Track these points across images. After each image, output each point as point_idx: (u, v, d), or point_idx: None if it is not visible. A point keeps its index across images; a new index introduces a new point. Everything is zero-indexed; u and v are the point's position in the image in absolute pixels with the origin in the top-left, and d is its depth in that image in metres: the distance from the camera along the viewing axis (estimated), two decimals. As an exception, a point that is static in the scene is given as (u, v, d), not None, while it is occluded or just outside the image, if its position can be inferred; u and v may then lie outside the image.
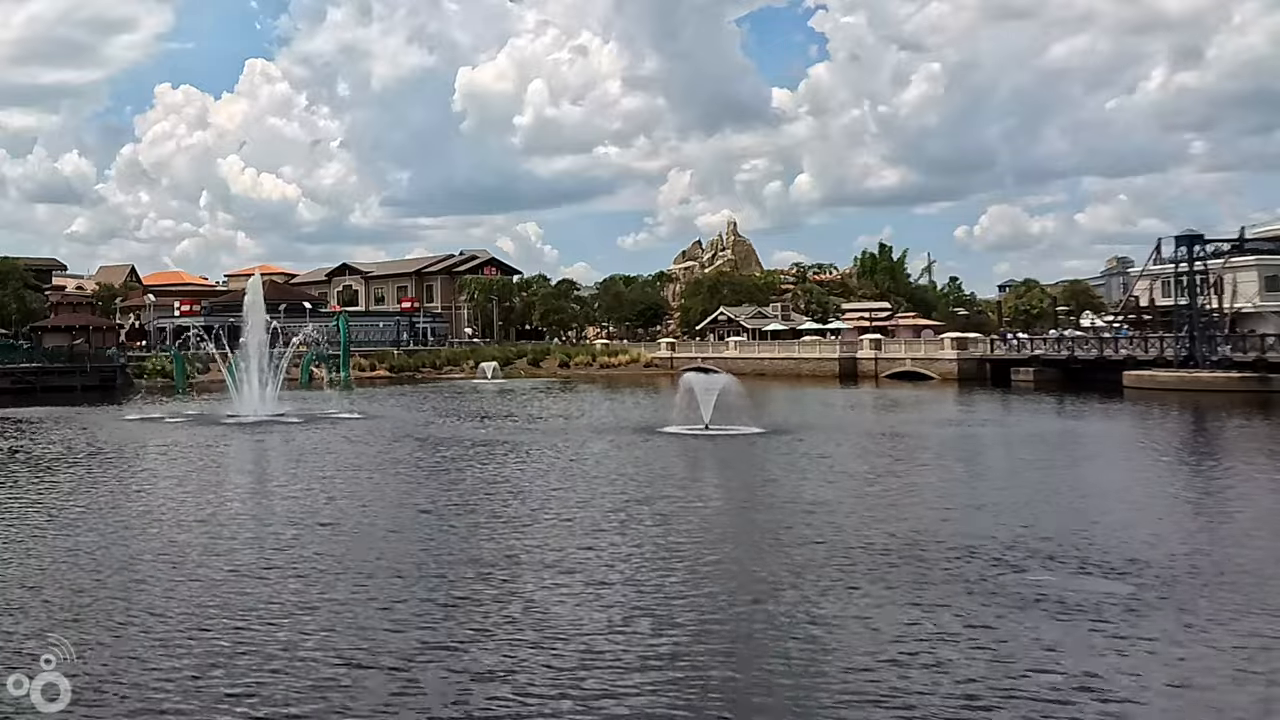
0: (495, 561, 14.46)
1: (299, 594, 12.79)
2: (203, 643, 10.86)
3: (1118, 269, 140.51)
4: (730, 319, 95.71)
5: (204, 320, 75.22)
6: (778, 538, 15.77)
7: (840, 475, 22.89)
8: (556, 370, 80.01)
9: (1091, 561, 13.87)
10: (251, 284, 48.14)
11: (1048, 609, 11.62)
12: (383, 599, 12.47)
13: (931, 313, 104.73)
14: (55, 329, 71.12)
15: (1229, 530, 16.60)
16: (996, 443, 31.00)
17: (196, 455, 28.17)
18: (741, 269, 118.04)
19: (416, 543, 15.87)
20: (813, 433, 31.88)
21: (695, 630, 11.11)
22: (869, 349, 71.91)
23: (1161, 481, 22.82)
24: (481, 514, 18.33)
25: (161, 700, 9.30)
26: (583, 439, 31.01)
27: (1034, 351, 63.42)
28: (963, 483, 22.11)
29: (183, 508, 19.45)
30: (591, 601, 12.34)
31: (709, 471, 24.66)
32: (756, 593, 12.57)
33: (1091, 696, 9.11)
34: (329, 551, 15.22)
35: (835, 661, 10.13)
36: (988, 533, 15.78)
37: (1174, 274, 57.05)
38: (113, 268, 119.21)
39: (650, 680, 9.64)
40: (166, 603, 12.42)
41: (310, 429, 35.12)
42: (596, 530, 16.64)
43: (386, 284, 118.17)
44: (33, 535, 16.86)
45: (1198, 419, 38.04)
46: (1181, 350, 52.97)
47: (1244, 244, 60.98)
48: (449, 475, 23.81)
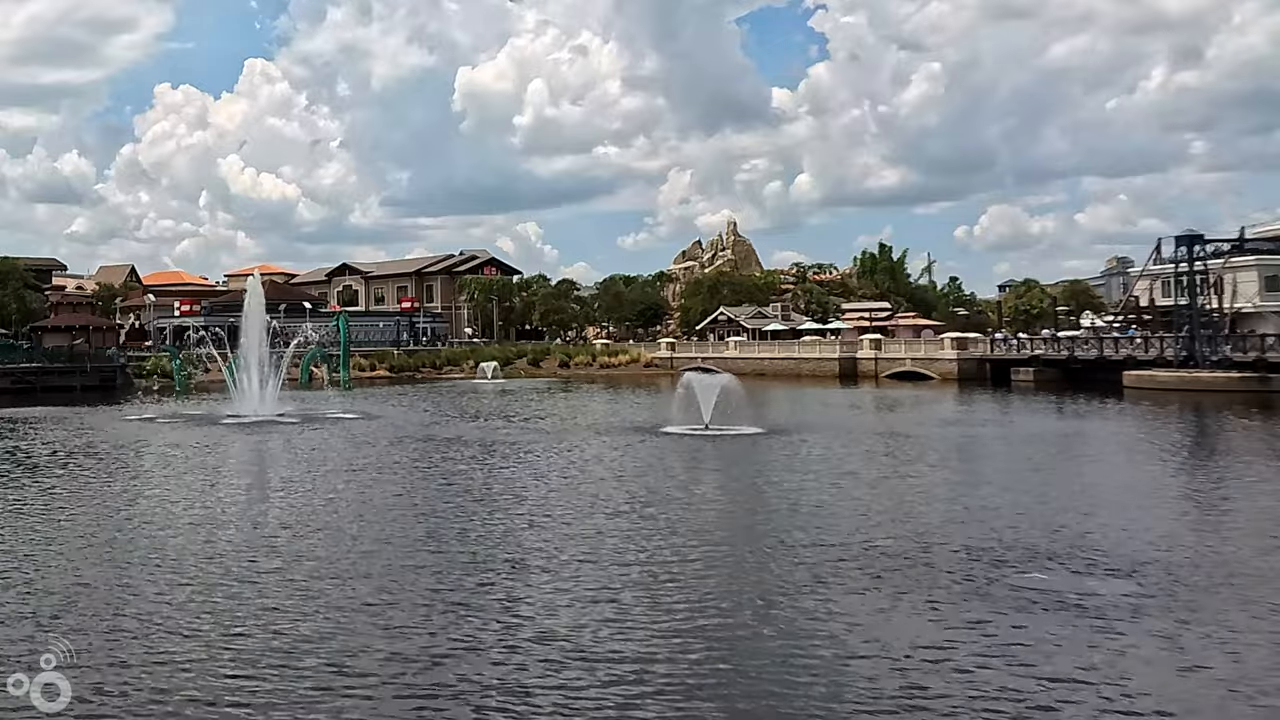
0: (495, 562, 14.44)
1: (299, 594, 12.77)
2: (202, 642, 10.84)
3: (1118, 269, 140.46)
4: (730, 319, 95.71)
5: (204, 320, 75.26)
6: (781, 539, 15.73)
7: (842, 476, 22.84)
8: (556, 370, 80.00)
9: (1097, 562, 13.85)
10: (251, 284, 48.15)
11: (1053, 608, 11.60)
12: (382, 599, 12.45)
13: (931, 313, 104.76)
14: (55, 329, 71.15)
15: (1233, 530, 16.58)
16: (997, 443, 30.98)
17: (196, 455, 28.15)
18: (741, 269, 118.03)
19: (416, 543, 15.85)
20: (813, 433, 31.86)
21: (696, 630, 11.08)
22: (869, 349, 71.92)
23: (1165, 482, 22.78)
24: (481, 516, 18.30)
25: (161, 700, 9.29)
26: (583, 439, 30.99)
27: (1034, 351, 63.44)
28: (965, 484, 22.08)
29: (182, 508, 19.44)
30: (591, 602, 12.30)
31: (710, 472, 24.63)
32: (760, 594, 12.55)
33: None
34: (329, 552, 15.21)
35: (839, 662, 10.12)
36: (991, 533, 15.77)
37: (1174, 274, 57.06)
38: (113, 268, 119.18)
39: (651, 681, 9.63)
40: (166, 602, 12.40)
41: (310, 429, 35.11)
42: (598, 531, 16.60)
43: (386, 284, 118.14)
44: (32, 535, 16.82)
45: (1198, 419, 38.03)
46: (1181, 350, 52.99)
47: (1244, 244, 60.99)
48: (449, 476, 23.79)
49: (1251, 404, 41.95)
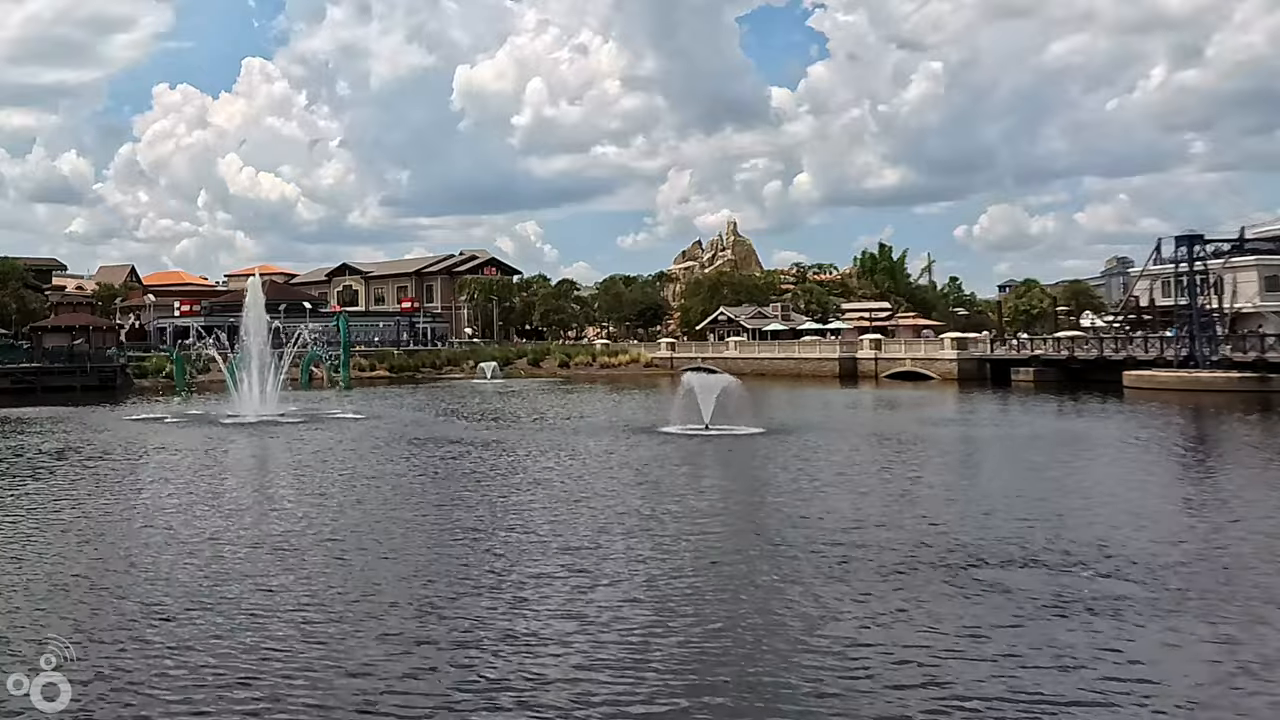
0: (495, 563, 14.44)
1: (299, 594, 12.77)
2: (202, 642, 10.83)
3: (1118, 269, 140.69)
4: (730, 319, 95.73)
5: (204, 320, 75.29)
6: (781, 539, 15.72)
7: (843, 476, 22.83)
8: (556, 370, 79.98)
9: (1096, 562, 13.85)
10: (252, 284, 48.11)
11: (1052, 609, 11.61)
12: (381, 599, 12.45)
13: (931, 313, 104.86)
14: (55, 329, 71.03)
15: (1234, 530, 16.57)
16: (998, 443, 30.95)
17: (197, 456, 28.14)
18: (741, 269, 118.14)
19: (415, 543, 15.87)
20: (814, 433, 31.86)
21: (698, 631, 11.09)
22: (869, 349, 71.93)
23: (1167, 483, 22.77)
24: (480, 516, 18.30)
25: (161, 700, 9.28)
26: (583, 439, 30.99)
27: (1034, 351, 63.46)
28: (967, 484, 22.11)
29: (182, 508, 19.41)
30: (592, 603, 12.31)
31: (710, 472, 24.62)
32: (761, 594, 12.56)
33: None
34: (328, 552, 15.20)
35: (839, 662, 10.12)
36: (993, 534, 15.78)
37: (1174, 274, 57.09)
38: (113, 268, 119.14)
39: (652, 683, 9.64)
40: (166, 602, 12.40)
41: (310, 429, 35.11)
42: (598, 533, 16.58)
43: (386, 284, 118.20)
44: (32, 535, 16.81)
45: (1198, 419, 38.03)
46: (1181, 350, 52.99)
47: (1244, 244, 61.08)
48: (448, 476, 23.79)
49: (1251, 404, 41.96)
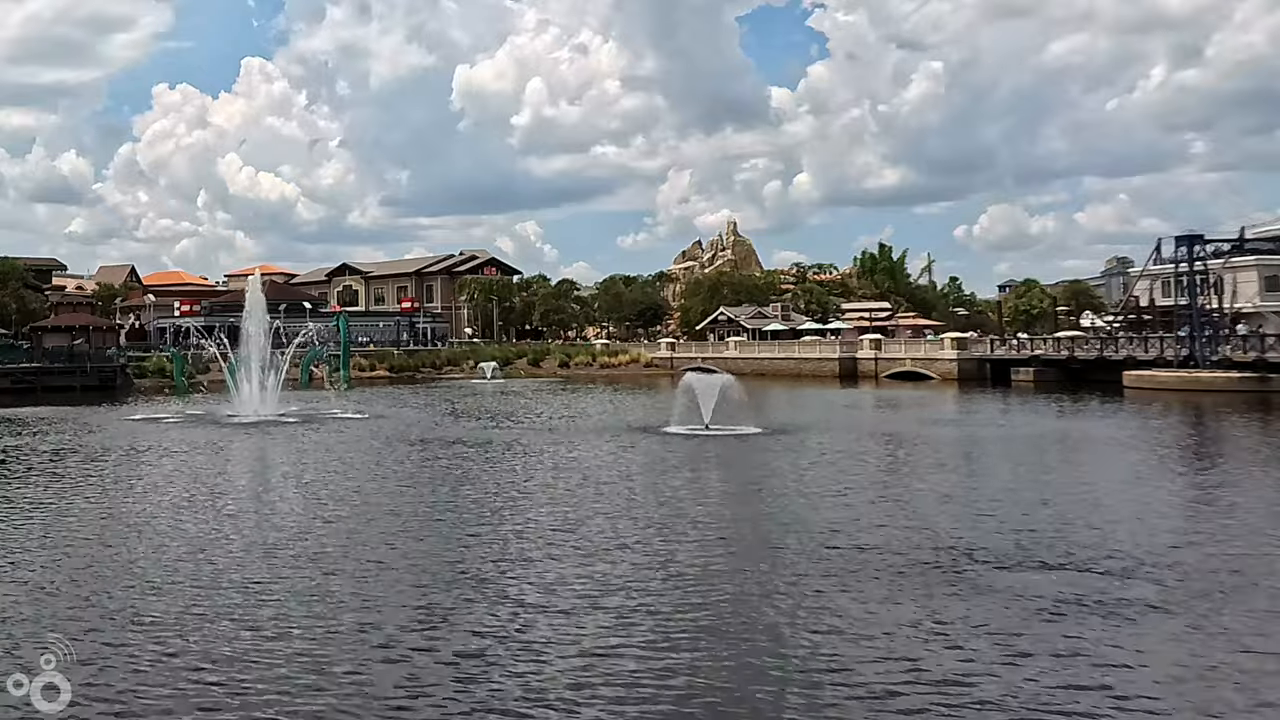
0: (495, 563, 14.44)
1: (300, 594, 12.76)
2: (202, 642, 10.83)
3: (1118, 269, 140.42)
4: (730, 319, 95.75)
5: (204, 320, 75.33)
6: (782, 539, 15.72)
7: (842, 475, 22.83)
8: (556, 370, 79.99)
9: (1097, 562, 13.84)
10: (252, 284, 48.20)
11: (1053, 608, 11.60)
12: (381, 599, 12.45)
13: (931, 313, 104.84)
14: (55, 329, 71.03)
15: (1235, 530, 16.56)
16: (998, 443, 30.94)
17: (197, 455, 28.13)
18: (741, 269, 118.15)
19: (415, 543, 15.85)
20: (814, 433, 31.86)
21: (699, 631, 11.08)
22: (869, 349, 71.94)
23: (1168, 483, 22.72)
24: (480, 516, 18.30)
25: (161, 700, 9.28)
26: (583, 439, 30.99)
27: (1034, 351, 63.46)
28: (968, 485, 22.08)
29: (181, 508, 19.40)
30: (592, 603, 12.30)
31: (711, 472, 24.61)
32: (760, 594, 12.54)
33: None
34: (329, 553, 15.19)
35: (839, 660, 10.11)
36: (994, 535, 15.78)
37: (1174, 274, 57.10)
38: (113, 268, 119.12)
39: (653, 682, 9.63)
40: (166, 602, 12.39)
41: (310, 429, 35.12)
42: (599, 531, 16.58)
43: (386, 284, 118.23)
44: (32, 535, 16.80)
45: (1199, 419, 38.03)
46: (1181, 350, 52.99)
47: (1244, 244, 61.07)
48: (448, 476, 23.77)
49: (1251, 404, 41.97)
